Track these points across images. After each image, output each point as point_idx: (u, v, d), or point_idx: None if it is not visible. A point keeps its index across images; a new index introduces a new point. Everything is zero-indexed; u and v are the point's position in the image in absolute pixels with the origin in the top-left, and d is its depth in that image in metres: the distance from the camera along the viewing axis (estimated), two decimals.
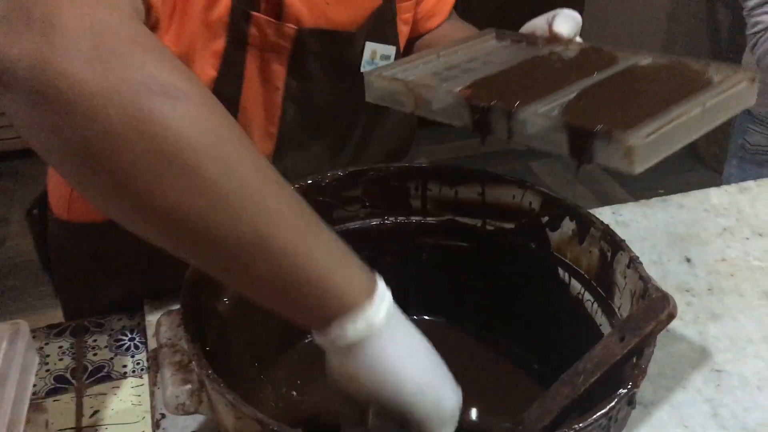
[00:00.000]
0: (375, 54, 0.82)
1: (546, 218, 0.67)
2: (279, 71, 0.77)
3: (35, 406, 0.62)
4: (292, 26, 0.74)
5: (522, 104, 0.58)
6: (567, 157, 0.55)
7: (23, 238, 2.64)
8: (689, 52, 3.03)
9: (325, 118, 0.84)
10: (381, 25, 0.84)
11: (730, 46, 2.97)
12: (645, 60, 0.67)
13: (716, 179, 1.70)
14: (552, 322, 0.66)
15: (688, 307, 0.89)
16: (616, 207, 1.07)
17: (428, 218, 0.72)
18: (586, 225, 0.64)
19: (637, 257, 0.59)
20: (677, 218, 1.04)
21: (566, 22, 0.73)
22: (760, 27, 1.33)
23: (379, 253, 0.73)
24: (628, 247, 0.60)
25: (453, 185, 0.71)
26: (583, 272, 0.65)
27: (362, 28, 0.81)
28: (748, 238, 1.00)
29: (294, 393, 0.67)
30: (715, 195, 1.10)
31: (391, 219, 0.72)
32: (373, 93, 0.69)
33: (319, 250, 0.46)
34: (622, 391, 0.47)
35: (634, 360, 0.50)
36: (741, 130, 1.51)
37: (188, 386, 0.51)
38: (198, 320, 0.54)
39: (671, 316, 0.47)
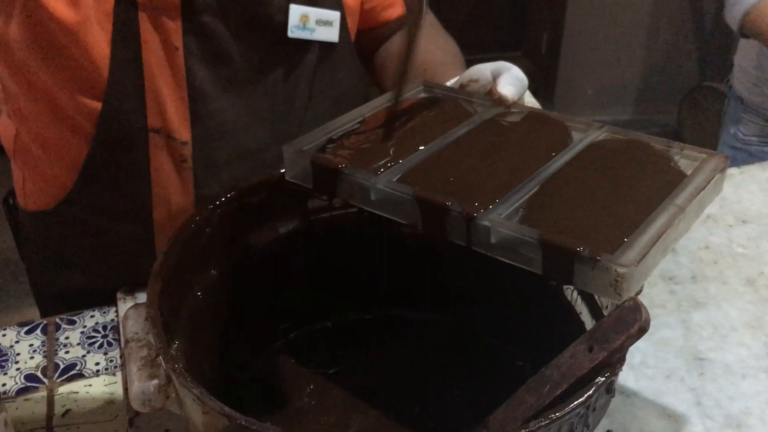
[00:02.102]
0: (307, 18, 0.79)
1: None
2: (174, 30, 0.75)
3: None
4: None
5: (482, 206, 0.51)
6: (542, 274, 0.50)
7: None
8: (674, 39, 3.04)
9: (244, 81, 0.80)
10: None
11: (715, 29, 2.98)
12: (601, 135, 0.62)
13: None
14: (532, 312, 0.64)
15: (672, 296, 0.88)
16: None
17: None
18: None
19: None
20: None
21: (512, 84, 0.68)
22: None
23: (355, 246, 0.71)
24: None
25: None
26: None
27: None
28: (731, 225, 1.00)
29: (264, 390, 0.65)
30: None
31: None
32: (294, 172, 0.61)
33: None
34: (600, 379, 0.45)
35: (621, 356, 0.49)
36: (734, 120, 1.51)
37: (155, 381, 0.49)
38: (166, 314, 0.53)
39: (642, 330, 0.46)
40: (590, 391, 0.44)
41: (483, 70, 0.72)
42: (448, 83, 0.78)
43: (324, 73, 0.86)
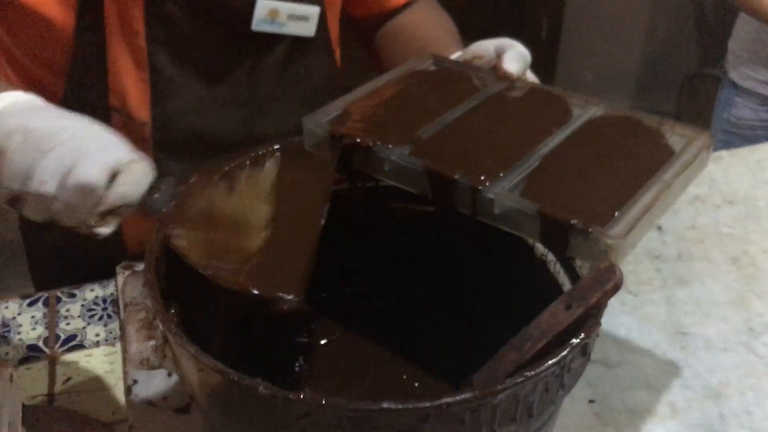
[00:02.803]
0: (276, 13, 0.80)
1: None
2: (137, 16, 0.77)
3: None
4: None
5: (488, 179, 0.55)
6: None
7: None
8: (674, 26, 3.04)
9: (206, 68, 0.83)
10: None
11: (715, 17, 2.98)
12: (597, 111, 0.65)
13: None
14: (518, 285, 0.66)
15: (657, 273, 0.90)
16: None
17: None
18: None
19: None
20: None
21: (516, 61, 0.70)
22: None
23: (348, 221, 0.73)
24: None
25: None
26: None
27: None
28: (718, 206, 1.02)
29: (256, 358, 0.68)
30: None
31: (361, 185, 0.72)
32: (309, 143, 0.65)
33: None
34: (575, 341, 0.48)
35: (597, 319, 0.51)
36: (727, 103, 1.52)
37: (152, 342, 0.51)
38: (162, 281, 0.55)
39: (617, 287, 0.48)
40: (564, 352, 0.47)
41: (487, 46, 0.75)
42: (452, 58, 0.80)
43: (296, 66, 0.88)
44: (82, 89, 0.80)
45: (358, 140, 0.61)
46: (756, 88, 1.48)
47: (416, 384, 0.65)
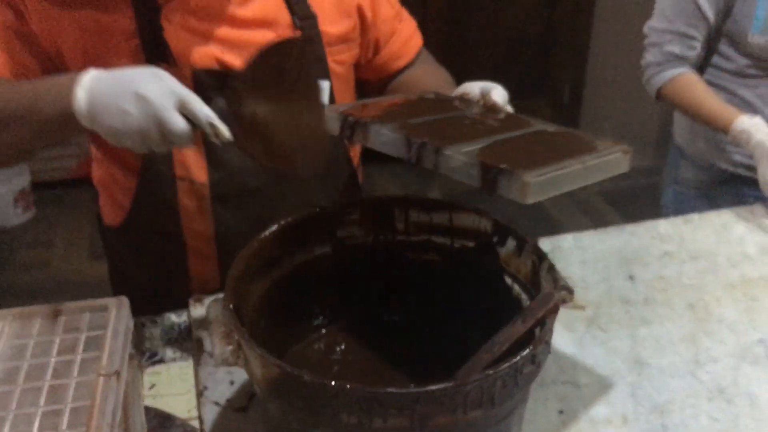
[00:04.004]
0: None
1: (495, 238, 0.89)
2: None
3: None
4: (188, 70, 1.01)
5: (448, 144, 0.77)
6: (478, 188, 0.74)
7: (65, 260, 2.91)
8: None
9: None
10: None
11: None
12: (551, 128, 0.87)
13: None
14: (499, 318, 0.87)
15: (626, 315, 1.10)
16: (577, 234, 1.28)
17: (410, 237, 0.95)
18: (522, 242, 0.86)
19: (554, 264, 0.80)
20: (628, 243, 1.26)
21: (500, 96, 0.95)
22: (643, 63, 1.58)
23: (373, 265, 0.95)
24: (548, 257, 0.82)
25: (428, 212, 0.93)
26: (521, 278, 0.87)
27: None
28: (684, 261, 1.21)
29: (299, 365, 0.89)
30: (663, 225, 1.31)
31: (381, 237, 0.95)
32: (329, 124, 0.89)
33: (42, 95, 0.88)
34: (524, 352, 0.68)
35: (543, 335, 0.72)
36: (674, 165, 1.72)
37: (230, 347, 0.73)
38: (236, 305, 0.77)
39: (556, 306, 0.69)
40: (516, 359, 0.67)
41: (473, 86, 0.99)
42: None
43: None
44: (154, 163, 1.06)
45: (360, 118, 0.85)
46: (697, 154, 1.65)
47: (412, 379, 0.86)
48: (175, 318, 1.12)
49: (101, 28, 0.99)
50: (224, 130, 0.87)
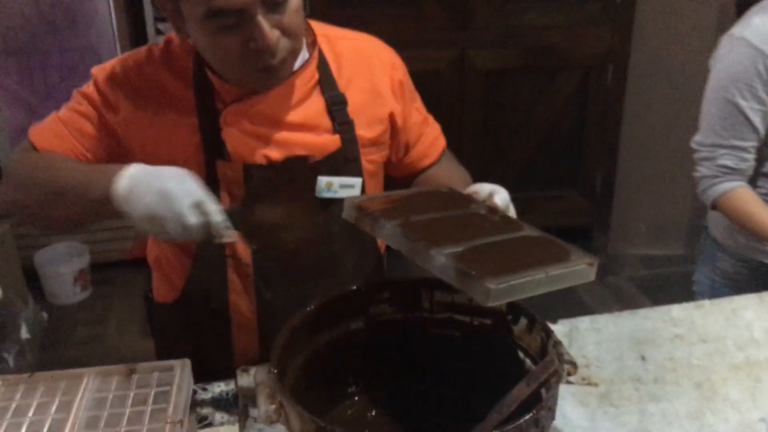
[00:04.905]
0: (332, 184, 1.19)
1: (510, 317, 1.01)
2: (241, 192, 1.18)
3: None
4: (239, 164, 1.16)
5: (436, 245, 0.88)
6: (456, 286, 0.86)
7: (120, 336, 3.07)
8: None
9: (287, 223, 1.21)
10: (339, 164, 1.21)
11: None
12: (535, 233, 0.97)
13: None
14: (506, 378, 0.97)
15: (636, 392, 1.18)
16: (594, 317, 1.38)
17: (434, 315, 1.07)
18: (533, 320, 0.97)
19: (560, 341, 0.91)
20: (641, 326, 1.35)
21: (502, 200, 1.08)
22: (697, 175, 1.66)
23: (401, 339, 1.07)
24: (554, 333, 0.92)
25: (451, 293, 1.06)
26: (532, 352, 0.97)
27: (309, 167, 1.19)
28: (694, 343, 1.30)
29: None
30: (675, 310, 1.40)
31: (408, 315, 1.07)
32: (346, 213, 1.02)
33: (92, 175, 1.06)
34: (528, 415, 0.79)
35: (546, 401, 0.82)
36: (710, 257, 1.79)
37: (273, 406, 0.85)
38: (280, 371, 0.89)
39: (557, 371, 0.80)
40: (520, 420, 0.78)
41: (483, 187, 1.12)
42: None
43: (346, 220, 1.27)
44: (205, 246, 1.21)
45: (370, 212, 0.98)
46: (733, 248, 1.71)
47: None
48: (224, 386, 1.24)
49: (170, 127, 1.16)
50: (226, 233, 1.01)
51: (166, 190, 0.98)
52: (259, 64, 1.08)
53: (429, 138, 1.35)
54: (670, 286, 3.20)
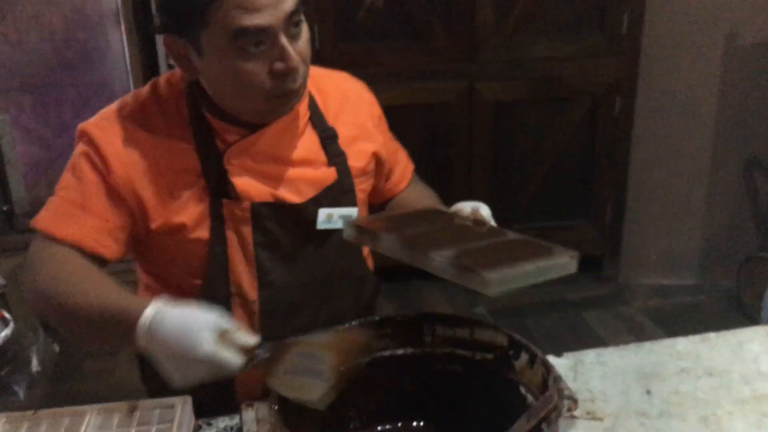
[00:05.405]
0: (331, 216, 1.22)
1: (511, 352, 1.01)
2: (248, 232, 1.21)
3: None
4: (247, 203, 1.19)
5: (434, 249, 0.95)
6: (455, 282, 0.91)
7: (130, 369, 3.07)
8: (730, 213, 3.31)
9: (291, 258, 1.24)
10: (337, 195, 1.25)
11: None
12: (519, 237, 1.03)
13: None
14: (509, 414, 0.97)
15: (641, 426, 1.17)
16: (599, 350, 1.37)
17: (436, 350, 1.07)
18: (533, 356, 0.97)
19: (560, 376, 0.91)
20: (646, 359, 1.34)
21: (486, 212, 1.15)
22: None
23: (403, 373, 1.08)
24: (554, 368, 0.93)
25: (452, 327, 1.06)
26: (533, 388, 0.98)
27: (311, 200, 1.22)
28: (699, 377, 1.29)
29: None
30: (681, 343, 1.39)
31: (410, 349, 1.07)
32: (346, 233, 1.07)
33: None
34: None
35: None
36: None
37: None
38: (281, 408, 0.90)
39: (556, 407, 0.80)
40: None
41: (465, 205, 1.17)
42: None
43: (343, 248, 1.29)
44: (212, 284, 1.23)
45: (369, 229, 1.03)
46: None
47: None
48: (228, 420, 1.24)
49: (174, 172, 1.18)
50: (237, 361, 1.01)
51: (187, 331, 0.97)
52: (283, 88, 1.11)
53: (403, 163, 1.44)
54: (681, 316, 3.17)
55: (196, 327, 0.95)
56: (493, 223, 1.15)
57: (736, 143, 3.23)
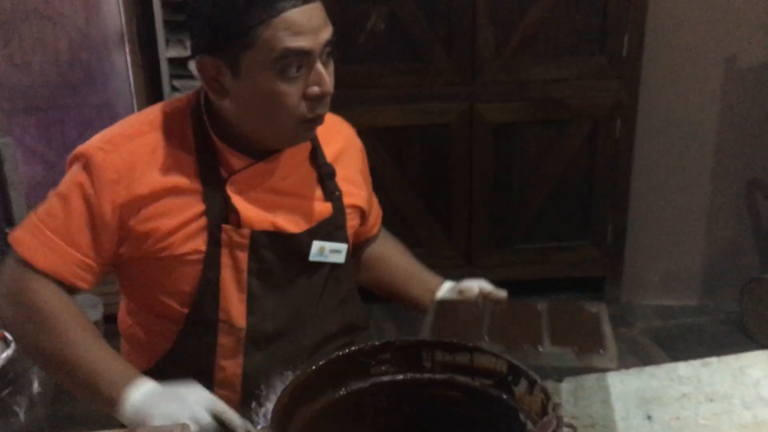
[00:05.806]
0: (323, 249, 1.25)
1: (510, 377, 1.01)
2: (242, 258, 1.21)
3: None
4: (247, 230, 1.19)
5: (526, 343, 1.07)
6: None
7: None
8: (732, 233, 3.31)
9: (281, 287, 1.25)
10: (331, 230, 1.27)
11: None
12: (546, 305, 1.12)
13: None
14: None
15: None
16: (600, 375, 1.37)
17: (435, 375, 1.07)
18: (533, 382, 0.97)
19: (559, 403, 0.91)
20: (647, 384, 1.34)
21: (498, 292, 1.22)
22: None
23: (402, 399, 1.07)
24: (553, 394, 0.92)
25: (452, 353, 1.06)
26: (533, 414, 0.97)
27: (307, 232, 1.24)
28: (700, 402, 1.29)
29: None
30: (682, 367, 1.39)
31: (410, 375, 1.07)
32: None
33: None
34: None
35: None
36: None
37: None
38: (283, 429, 0.90)
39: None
40: None
41: (473, 285, 1.24)
42: (440, 290, 1.35)
43: (332, 281, 1.32)
44: (200, 310, 1.23)
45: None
46: None
47: None
48: None
49: (174, 194, 1.18)
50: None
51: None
52: (313, 111, 1.14)
53: (376, 208, 1.47)
54: (683, 337, 3.16)
55: (186, 414, 1.01)
56: (503, 293, 1.25)
57: (737, 164, 3.24)
